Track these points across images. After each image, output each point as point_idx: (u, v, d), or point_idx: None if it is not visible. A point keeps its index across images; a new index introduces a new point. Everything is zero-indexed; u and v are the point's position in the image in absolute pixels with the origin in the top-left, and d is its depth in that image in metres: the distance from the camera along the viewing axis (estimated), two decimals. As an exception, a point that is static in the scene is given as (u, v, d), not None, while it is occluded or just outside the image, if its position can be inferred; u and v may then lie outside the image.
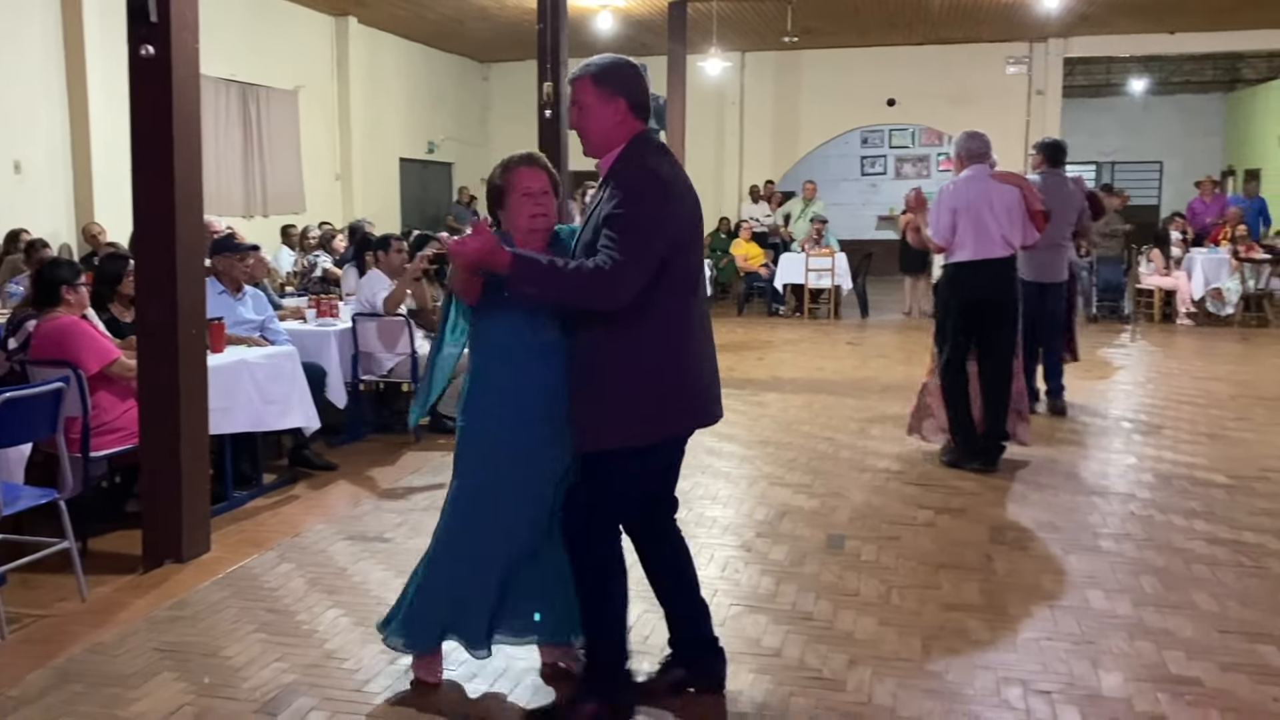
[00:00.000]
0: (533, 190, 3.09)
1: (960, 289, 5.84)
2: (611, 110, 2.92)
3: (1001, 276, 5.78)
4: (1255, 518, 5.04)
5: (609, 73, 2.95)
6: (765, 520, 5.06)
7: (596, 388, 2.90)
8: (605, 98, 2.92)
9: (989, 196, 5.73)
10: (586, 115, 2.94)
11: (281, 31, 12.92)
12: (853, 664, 3.49)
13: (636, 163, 2.89)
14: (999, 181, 5.79)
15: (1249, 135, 20.06)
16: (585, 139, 2.98)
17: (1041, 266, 7.18)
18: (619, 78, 2.95)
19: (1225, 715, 3.13)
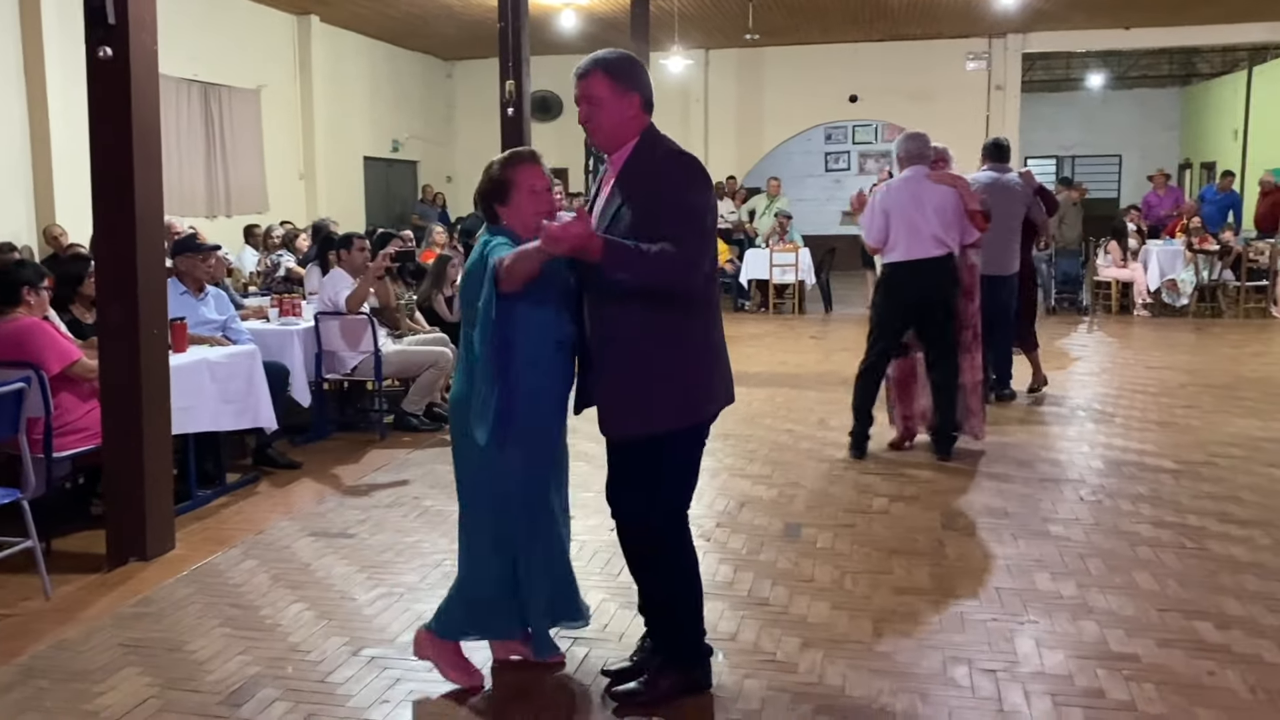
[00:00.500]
0: (538, 188, 3.18)
1: (895, 290, 5.97)
2: (626, 105, 2.98)
3: (937, 276, 5.85)
4: (1199, 501, 5.19)
5: (623, 68, 3.00)
6: (725, 510, 5.16)
7: (645, 372, 2.96)
8: (620, 93, 2.98)
9: (920, 197, 5.83)
10: (600, 110, 2.99)
11: (243, 31, 12.87)
12: (805, 646, 3.59)
13: (668, 151, 2.98)
14: (934, 182, 5.88)
15: (1204, 129, 20.42)
16: (597, 133, 3.02)
17: (989, 260, 7.38)
18: (633, 73, 3.02)
19: (1161, 689, 3.25)
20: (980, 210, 5.89)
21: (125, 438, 4.49)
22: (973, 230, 5.92)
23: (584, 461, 6.07)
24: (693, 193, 2.91)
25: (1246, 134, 17.88)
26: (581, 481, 4.39)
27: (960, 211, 5.87)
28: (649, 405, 2.98)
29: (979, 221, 5.89)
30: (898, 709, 3.15)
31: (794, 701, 3.21)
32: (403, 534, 4.81)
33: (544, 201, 3.18)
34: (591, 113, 3.00)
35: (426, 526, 4.94)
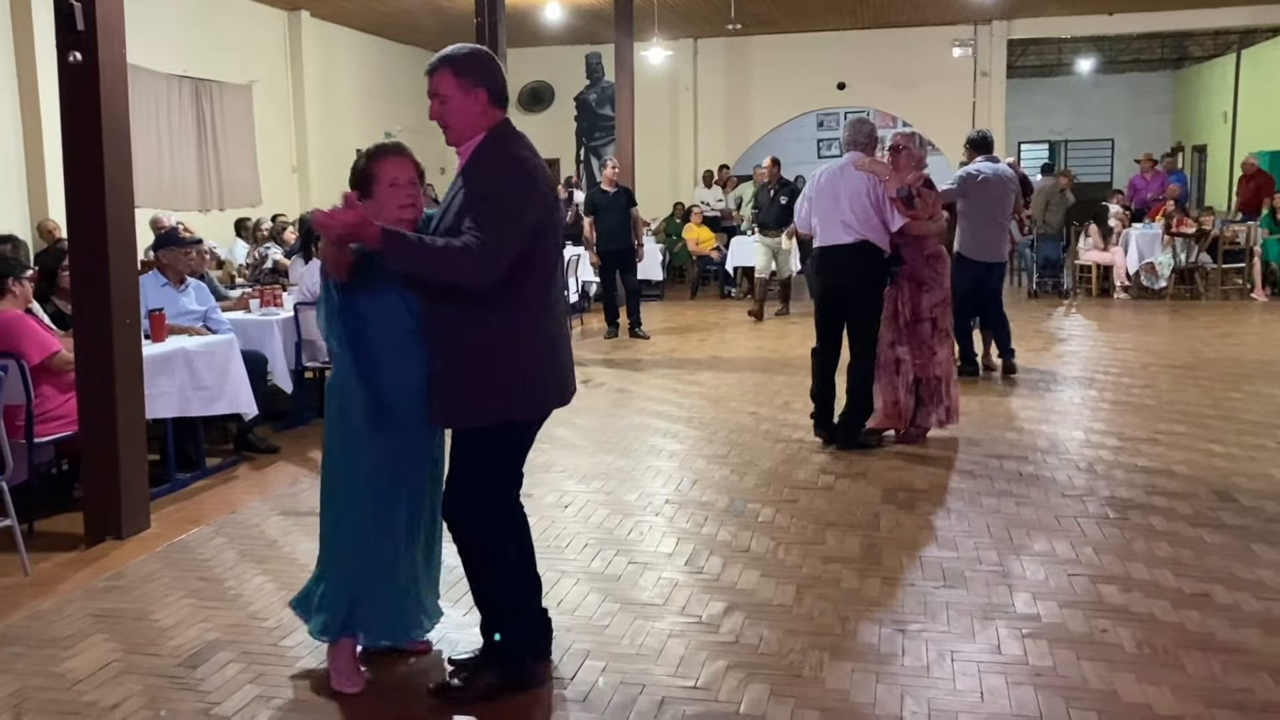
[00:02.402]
0: (400, 181, 3.13)
1: (817, 274, 6.22)
2: (473, 101, 2.97)
3: (846, 262, 5.91)
4: (1132, 475, 5.41)
5: (469, 64, 3.00)
6: (679, 488, 5.39)
7: (465, 368, 2.98)
8: (466, 88, 2.97)
9: (837, 185, 5.93)
10: (448, 106, 2.99)
11: (234, 27, 13.10)
12: (730, 610, 3.82)
13: (501, 150, 2.97)
14: (855, 170, 5.95)
15: (1195, 112, 20.52)
16: (447, 129, 3.02)
17: (984, 248, 7.78)
18: (479, 69, 3.00)
19: (1053, 645, 3.48)
20: (899, 197, 5.87)
21: (100, 423, 4.74)
22: (896, 219, 5.89)
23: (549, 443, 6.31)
24: (508, 193, 2.88)
25: (1236, 116, 17.99)
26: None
27: (878, 199, 5.87)
28: (456, 400, 3.01)
29: (899, 208, 5.88)
30: (805, 664, 3.38)
31: (710, 657, 3.44)
32: (366, 512, 5.05)
33: (403, 195, 3.13)
34: (440, 109, 3.00)
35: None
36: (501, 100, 3.05)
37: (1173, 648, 3.45)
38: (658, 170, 16.84)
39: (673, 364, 9.14)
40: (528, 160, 2.99)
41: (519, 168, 2.95)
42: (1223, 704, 3.08)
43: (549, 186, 3.04)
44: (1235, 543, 4.40)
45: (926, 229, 6.00)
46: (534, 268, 2.98)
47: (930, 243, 6.08)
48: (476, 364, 2.99)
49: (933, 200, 6.04)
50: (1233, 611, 3.72)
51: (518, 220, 2.87)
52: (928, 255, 6.07)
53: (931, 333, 6.10)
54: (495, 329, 2.98)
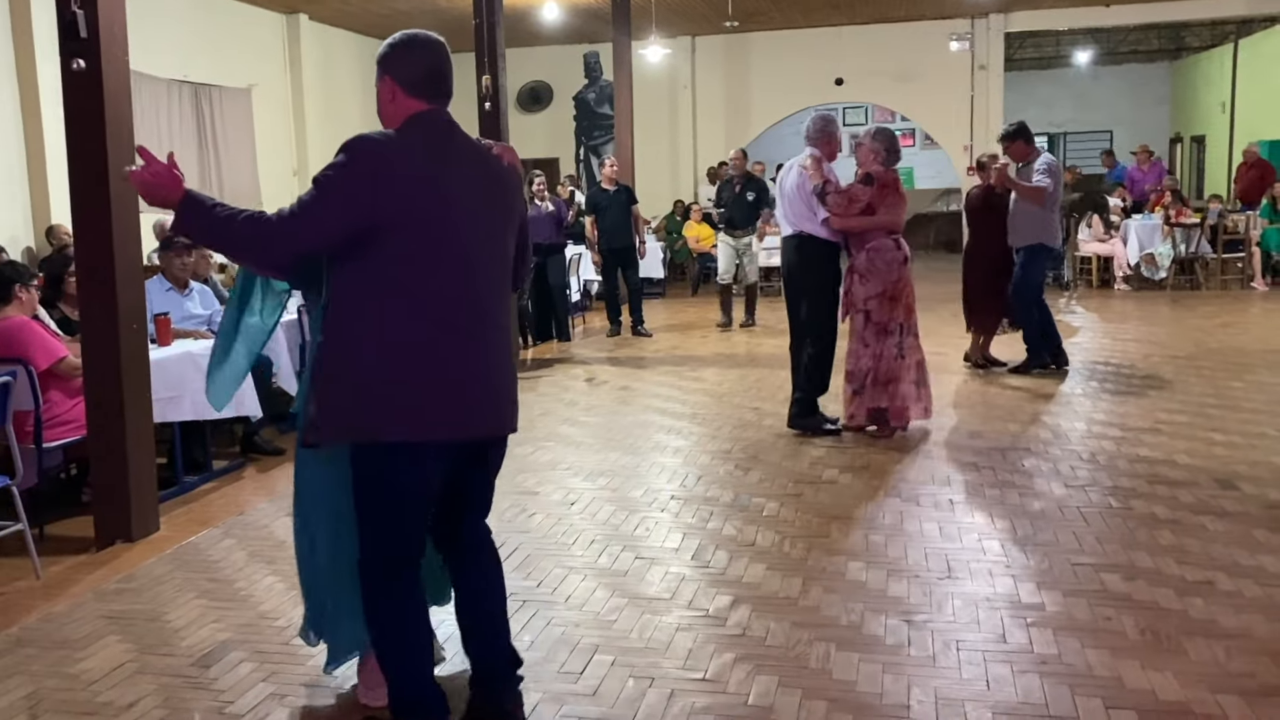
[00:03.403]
0: None
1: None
2: (382, 89, 2.77)
3: (789, 254, 6.29)
4: (1135, 465, 5.44)
5: (384, 53, 2.79)
6: (684, 484, 5.42)
7: (325, 371, 2.71)
8: (379, 78, 2.78)
9: (786, 180, 6.22)
10: (377, 101, 2.83)
11: (233, 31, 13.14)
12: (736, 603, 3.85)
13: (372, 133, 2.71)
14: (800, 166, 6.12)
15: (1194, 102, 20.52)
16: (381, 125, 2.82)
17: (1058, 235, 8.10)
18: (391, 56, 2.78)
19: (1058, 633, 3.51)
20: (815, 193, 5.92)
21: (109, 428, 4.77)
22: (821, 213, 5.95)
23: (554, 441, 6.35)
24: (334, 173, 2.60)
25: (1234, 106, 17.99)
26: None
27: (807, 194, 6.00)
28: (319, 409, 2.70)
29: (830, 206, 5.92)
30: (812, 655, 3.42)
31: (718, 650, 3.47)
32: (374, 512, 5.09)
33: None
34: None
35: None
36: (418, 88, 2.74)
37: (1176, 634, 3.48)
38: (658, 168, 16.86)
39: (675, 361, 9.17)
40: (388, 148, 2.65)
41: (363, 151, 2.62)
42: (1225, 689, 3.11)
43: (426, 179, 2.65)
44: (1237, 530, 4.43)
45: (853, 224, 5.96)
46: (395, 261, 2.63)
47: (872, 235, 6.01)
48: (334, 366, 2.69)
49: (852, 196, 5.92)
50: (1235, 598, 3.75)
51: (330, 202, 2.58)
52: (867, 248, 6.02)
53: (864, 325, 6.05)
54: (353, 327, 2.66)
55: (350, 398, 2.66)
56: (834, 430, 6.19)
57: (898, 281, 5.98)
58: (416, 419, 2.65)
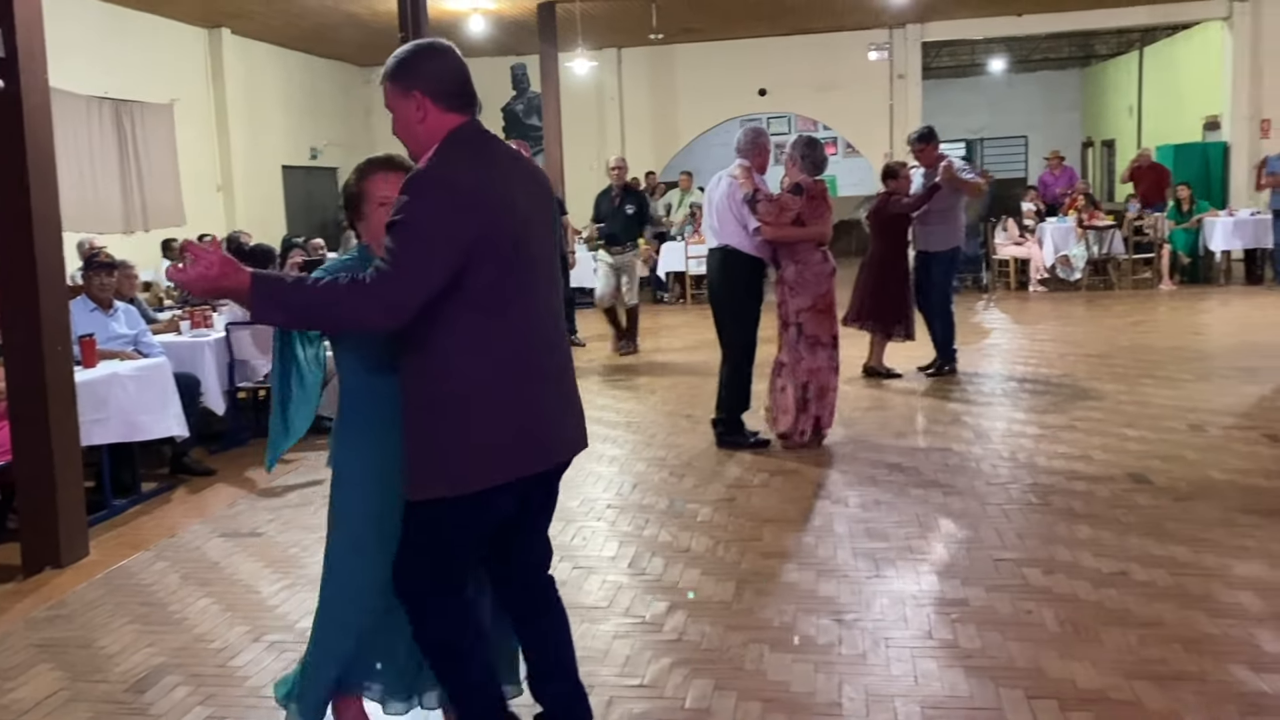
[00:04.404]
0: (390, 199, 2.67)
1: None
2: (412, 107, 2.54)
3: (712, 266, 6.33)
4: (1053, 461, 5.64)
5: (401, 66, 2.57)
6: (620, 492, 5.49)
7: (411, 425, 2.55)
8: (402, 95, 2.55)
9: (713, 191, 6.27)
10: (395, 119, 2.60)
11: (153, 46, 12.94)
12: (672, 608, 3.93)
13: (429, 163, 2.50)
14: (728, 176, 6.18)
15: (1103, 108, 21.20)
16: (406, 146, 2.63)
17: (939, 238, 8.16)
18: (410, 68, 2.56)
19: (981, 627, 3.65)
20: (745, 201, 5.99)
21: (34, 452, 4.70)
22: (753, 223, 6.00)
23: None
24: (420, 214, 2.39)
25: (1140, 111, 18.63)
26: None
27: (736, 205, 6.04)
28: (411, 468, 2.55)
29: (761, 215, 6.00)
30: (747, 657, 3.51)
31: (655, 656, 3.55)
32: (309, 530, 5.07)
33: None
34: (394, 125, 2.62)
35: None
36: (452, 100, 2.56)
37: (1093, 624, 3.63)
38: (587, 179, 16.91)
39: (609, 370, 9.25)
40: (461, 172, 2.46)
41: (439, 181, 2.45)
42: (1139, 675, 3.26)
43: (499, 195, 2.50)
44: (1150, 522, 4.63)
45: (784, 234, 5.99)
46: (477, 299, 2.46)
47: (802, 248, 6.05)
48: (415, 423, 2.54)
49: (783, 205, 5.97)
50: (1148, 588, 3.93)
51: (429, 247, 2.37)
52: (796, 261, 6.06)
53: (797, 338, 6.09)
54: (430, 379, 2.51)
55: (454, 445, 2.49)
56: (762, 444, 6.25)
57: (826, 294, 6.04)
58: (501, 461, 2.53)
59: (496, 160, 2.57)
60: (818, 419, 6.12)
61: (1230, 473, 5.31)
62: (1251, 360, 8.15)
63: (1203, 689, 3.16)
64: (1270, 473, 5.28)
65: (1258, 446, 5.77)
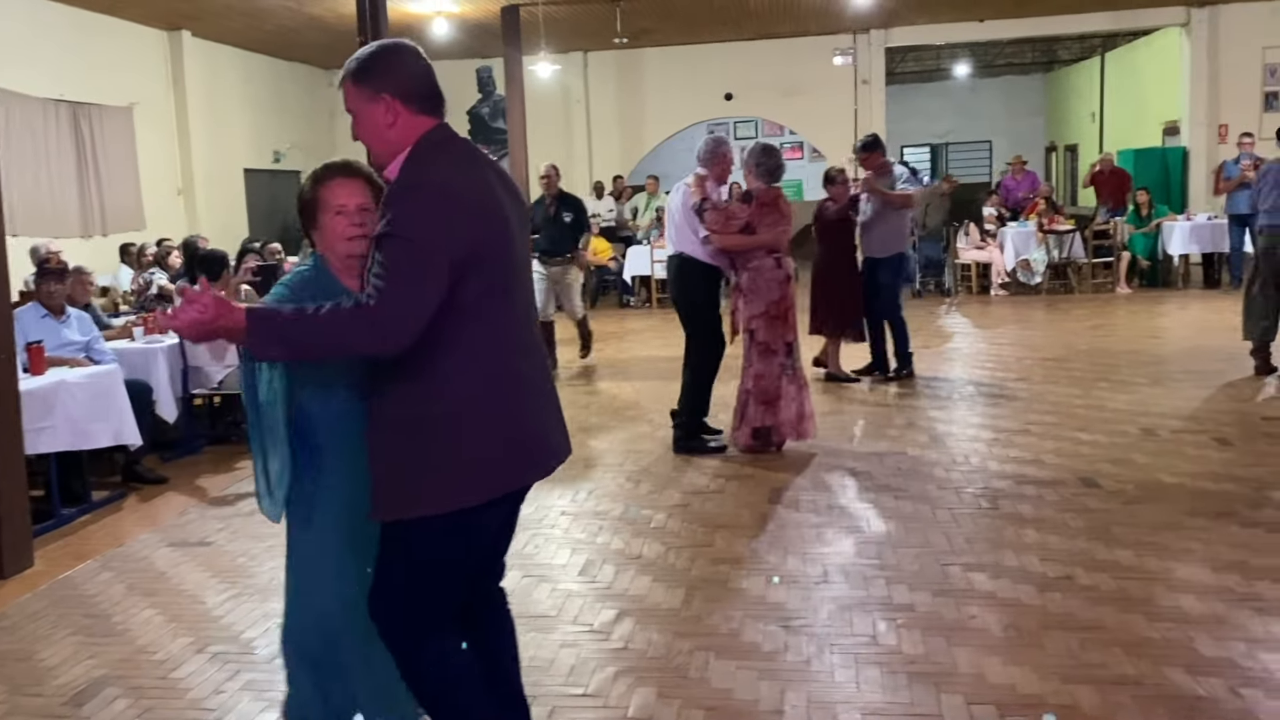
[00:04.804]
0: (348, 207, 2.66)
1: None
2: (381, 110, 2.41)
3: (672, 274, 6.46)
4: (1004, 465, 5.68)
5: (366, 67, 2.44)
6: (575, 499, 5.48)
7: (393, 442, 2.41)
8: (369, 97, 2.42)
9: (674, 200, 6.37)
10: (359, 123, 2.47)
11: (112, 49, 12.81)
12: (621, 616, 3.93)
13: (411, 170, 2.38)
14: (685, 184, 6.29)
15: (1066, 113, 21.42)
16: (369, 150, 2.50)
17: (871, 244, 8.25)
18: (379, 69, 2.43)
19: (926, 633, 3.66)
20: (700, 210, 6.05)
21: (-23, 461, 4.64)
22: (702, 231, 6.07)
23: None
24: (414, 226, 2.27)
25: (1102, 117, 18.84)
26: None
27: (688, 213, 6.12)
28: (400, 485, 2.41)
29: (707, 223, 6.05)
30: (692, 665, 3.51)
31: (601, 665, 3.54)
32: (258, 539, 5.03)
33: (351, 223, 2.66)
34: (355, 127, 2.49)
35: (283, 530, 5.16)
36: (424, 102, 2.45)
37: (1036, 629, 3.66)
38: (553, 182, 16.92)
39: (571, 374, 9.23)
40: (443, 179, 2.36)
41: (428, 190, 2.32)
42: (1078, 679, 3.29)
43: (489, 199, 2.43)
44: (1097, 526, 4.67)
45: (732, 242, 6.01)
46: (469, 308, 2.37)
47: (754, 255, 6.04)
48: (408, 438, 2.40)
49: (730, 214, 6.00)
50: (1091, 592, 3.96)
51: (426, 261, 2.26)
52: (749, 268, 6.06)
53: (749, 345, 6.10)
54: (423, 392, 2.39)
55: (442, 462, 2.38)
56: (718, 449, 6.25)
57: (780, 300, 6.01)
58: (504, 470, 2.44)
59: (478, 163, 2.49)
60: (770, 427, 6.10)
61: (1179, 476, 5.37)
62: (1205, 364, 8.25)
63: (1139, 692, 3.19)
64: (1218, 475, 5.35)
65: (1207, 450, 5.84)
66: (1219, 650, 3.44)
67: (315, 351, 2.35)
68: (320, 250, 2.75)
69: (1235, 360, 8.10)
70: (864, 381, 8.19)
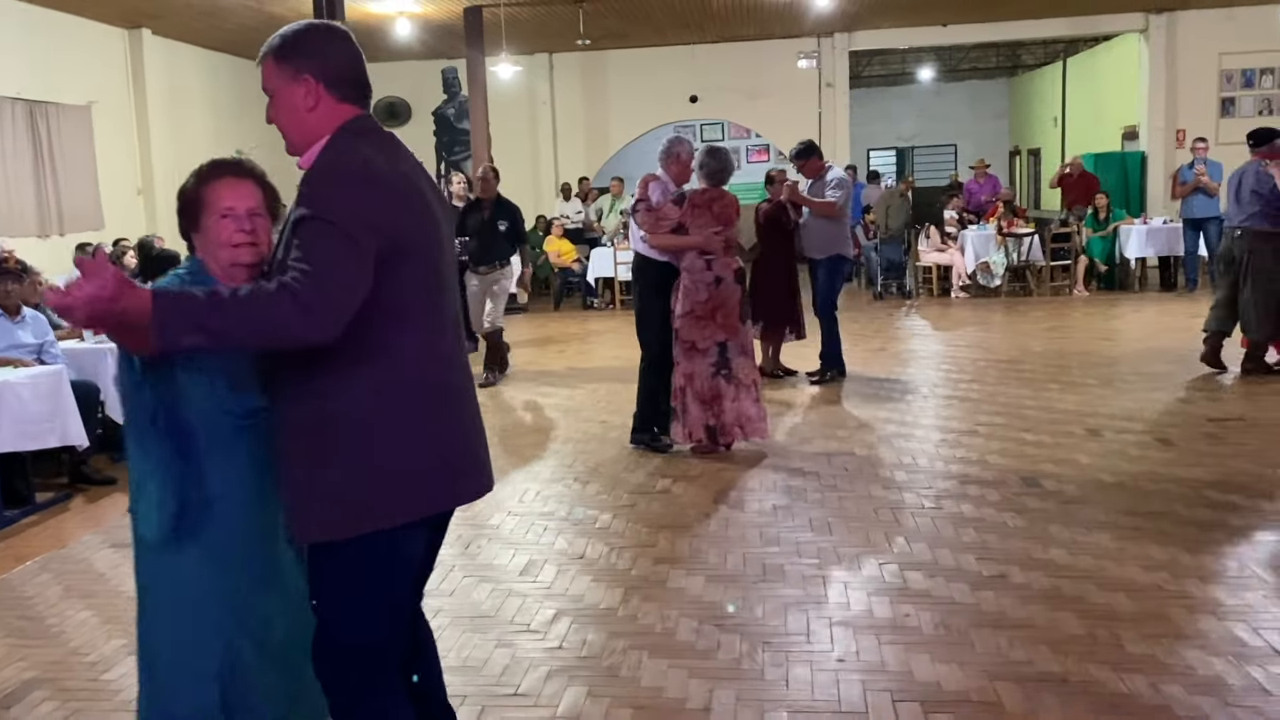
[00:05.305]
0: (236, 210, 2.45)
1: None
2: (299, 91, 2.25)
3: (633, 273, 6.61)
4: (949, 466, 5.74)
5: (289, 45, 2.27)
6: (522, 500, 5.48)
7: (317, 456, 2.19)
8: (290, 77, 2.25)
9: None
10: (276, 104, 2.30)
11: (70, 47, 12.66)
12: (558, 616, 3.94)
13: (331, 154, 2.21)
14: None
15: (1029, 117, 21.62)
16: (284, 136, 2.31)
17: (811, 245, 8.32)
18: (302, 48, 2.26)
19: (859, 632, 3.70)
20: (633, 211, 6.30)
21: (-88, 463, 4.59)
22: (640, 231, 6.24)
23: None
24: (340, 205, 2.09)
25: (1064, 121, 19.02)
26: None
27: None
28: (324, 503, 2.20)
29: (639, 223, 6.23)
30: (624, 664, 3.52)
31: (534, 665, 3.55)
32: (202, 540, 4.99)
33: (239, 228, 2.43)
34: (271, 110, 2.31)
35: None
36: (348, 88, 2.29)
37: (966, 627, 3.70)
38: (519, 184, 16.87)
39: (529, 376, 9.23)
40: (374, 160, 2.19)
41: (355, 167, 2.16)
42: (1003, 676, 3.33)
43: (415, 193, 2.27)
44: (1035, 526, 4.73)
45: (663, 243, 6.12)
46: (398, 308, 2.21)
47: (688, 256, 6.10)
48: (332, 449, 2.19)
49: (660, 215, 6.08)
50: (1024, 590, 4.01)
51: (354, 245, 2.07)
52: (685, 268, 6.12)
53: (675, 344, 6.13)
54: (348, 398, 2.19)
55: (370, 476, 2.19)
56: (667, 446, 6.28)
57: (706, 302, 6.02)
58: (439, 485, 2.28)
59: (403, 157, 2.30)
60: (708, 426, 6.12)
61: (1119, 476, 5.44)
62: (1155, 365, 8.35)
63: (1062, 689, 3.24)
64: (1157, 476, 5.42)
65: (1149, 450, 5.91)
66: (1144, 648, 3.49)
67: (237, 342, 2.06)
68: (199, 254, 2.50)
69: (1185, 362, 8.22)
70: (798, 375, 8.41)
